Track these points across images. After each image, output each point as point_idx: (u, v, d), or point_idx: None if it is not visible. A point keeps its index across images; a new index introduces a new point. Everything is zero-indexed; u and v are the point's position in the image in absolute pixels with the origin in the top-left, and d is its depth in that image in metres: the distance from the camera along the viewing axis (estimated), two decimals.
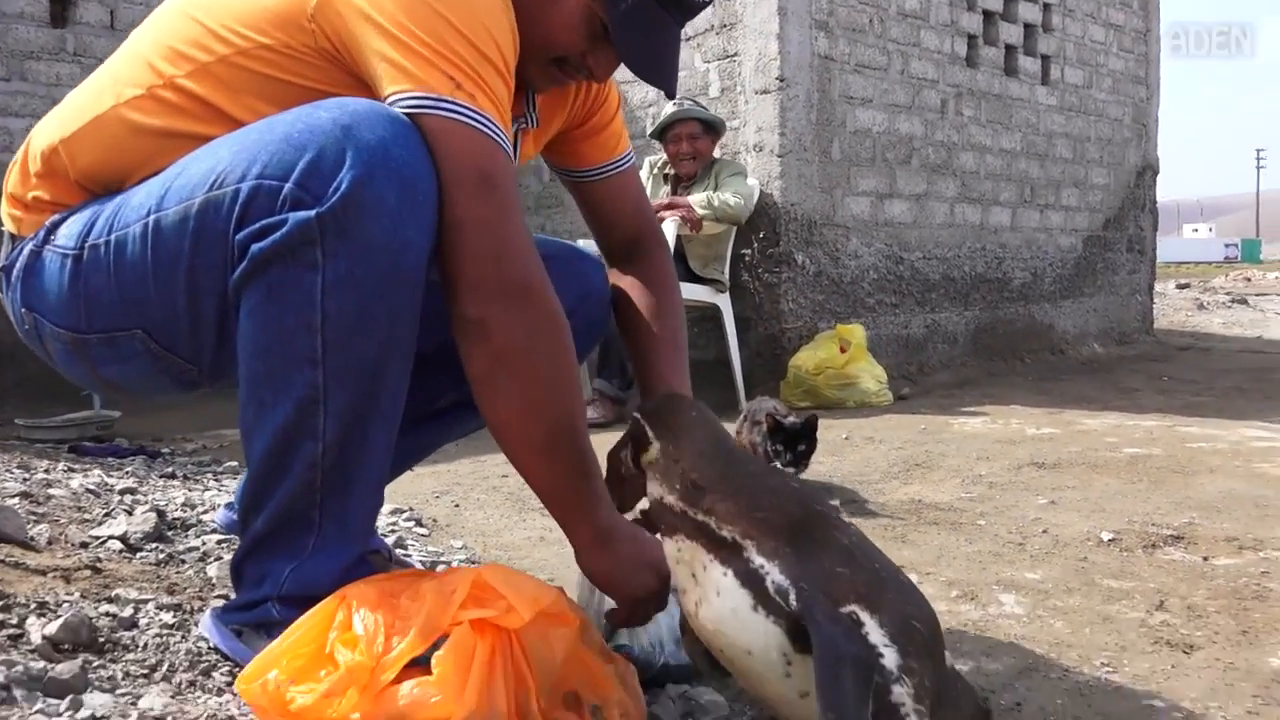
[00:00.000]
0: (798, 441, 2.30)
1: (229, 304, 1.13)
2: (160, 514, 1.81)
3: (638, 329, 1.41)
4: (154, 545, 1.68)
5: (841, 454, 3.10)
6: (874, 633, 0.95)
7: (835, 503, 1.04)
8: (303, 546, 1.16)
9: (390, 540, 1.92)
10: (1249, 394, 4.48)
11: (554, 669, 1.04)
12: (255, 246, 1.07)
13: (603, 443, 1.18)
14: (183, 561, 1.63)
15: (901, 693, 0.94)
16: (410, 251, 1.09)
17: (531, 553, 2.01)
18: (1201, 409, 4.00)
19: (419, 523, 2.22)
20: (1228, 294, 12.24)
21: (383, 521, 2.19)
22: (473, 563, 1.90)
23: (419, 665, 0.98)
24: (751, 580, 1.00)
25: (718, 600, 1.02)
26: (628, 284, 1.43)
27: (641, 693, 1.16)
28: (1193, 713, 1.26)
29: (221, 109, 1.18)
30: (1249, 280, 17.42)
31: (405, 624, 0.98)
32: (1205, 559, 1.94)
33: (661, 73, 1.28)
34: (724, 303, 4.25)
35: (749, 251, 4.48)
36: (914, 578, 1.08)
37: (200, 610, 1.35)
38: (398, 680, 0.95)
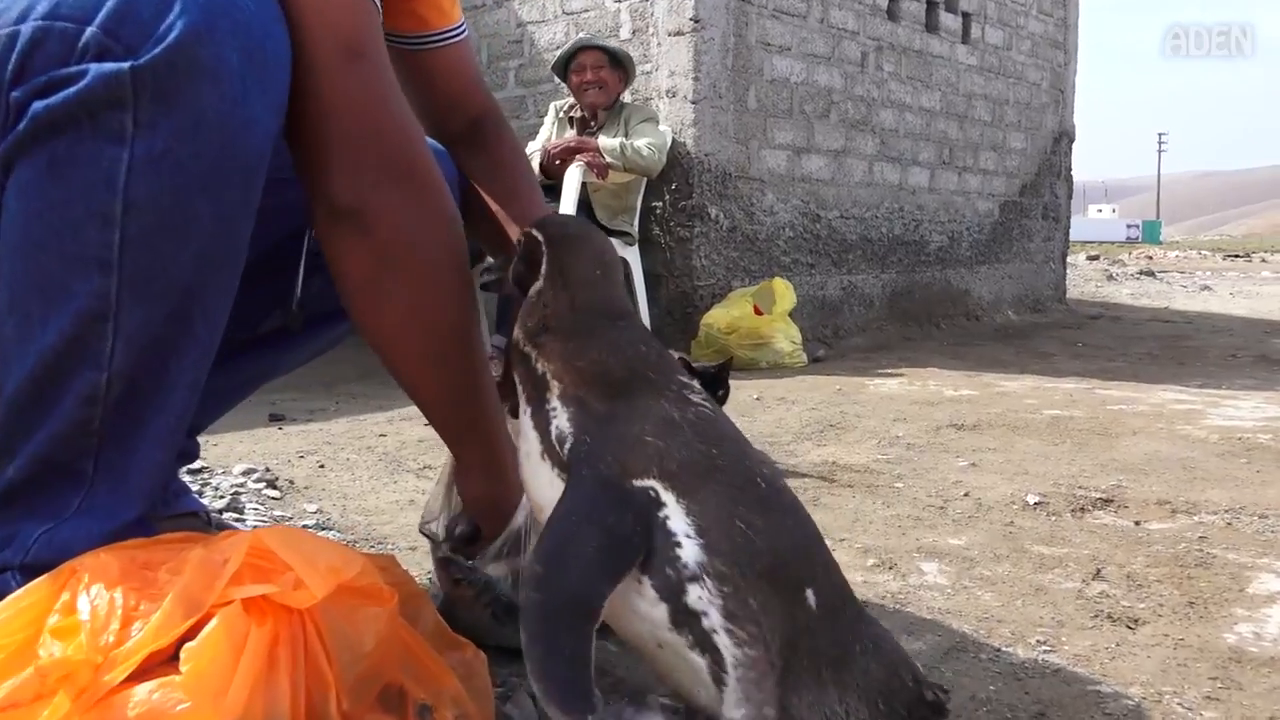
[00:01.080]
0: (713, 386, 2.10)
1: None
2: None
3: (495, 204, 1.17)
4: None
5: (752, 415, 2.90)
6: (675, 518, 0.75)
7: (695, 384, 0.80)
8: (65, 505, 0.90)
9: (224, 503, 1.65)
10: (1161, 360, 4.42)
11: (361, 658, 0.80)
12: (39, 104, 0.80)
13: None
14: None
15: (703, 598, 0.73)
16: (252, 132, 0.84)
17: (397, 517, 1.76)
18: (1117, 373, 3.91)
19: (272, 484, 1.95)
20: (1136, 267, 12.45)
21: (228, 483, 1.91)
22: (323, 529, 1.64)
23: (175, 662, 0.73)
24: (541, 423, 0.83)
25: (521, 444, 0.87)
26: (478, 169, 1.19)
27: (491, 688, 0.93)
28: (1145, 699, 1.07)
29: None
30: (1150, 259, 17.87)
31: (152, 606, 0.73)
32: (1137, 523, 1.78)
33: None
34: (633, 257, 4.02)
35: (660, 204, 4.24)
36: (828, 545, 0.86)
37: None
38: (133, 681, 0.70)
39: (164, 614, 0.72)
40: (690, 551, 0.74)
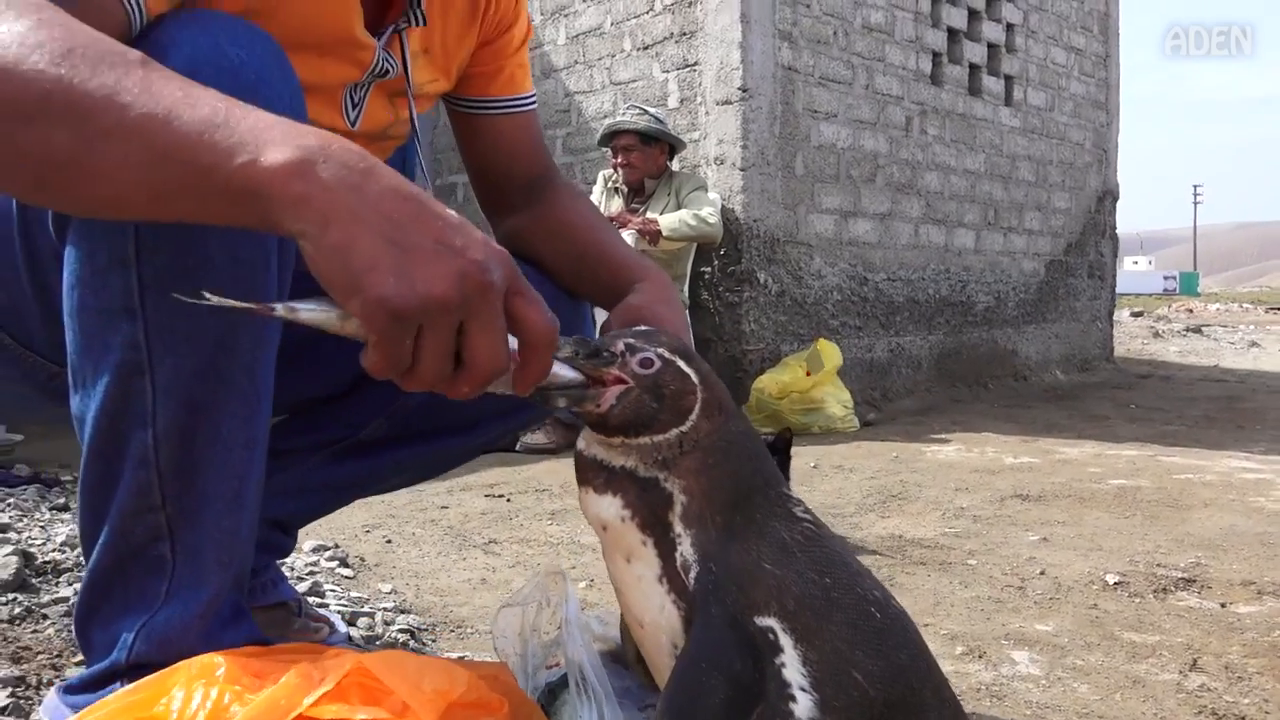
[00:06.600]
0: (774, 456, 2.08)
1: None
2: (27, 556, 1.53)
3: (577, 241, 1.18)
4: (11, 596, 1.40)
5: (811, 484, 2.88)
6: (790, 666, 0.74)
7: (794, 494, 0.79)
8: (154, 594, 0.89)
9: (306, 586, 1.66)
10: (1220, 423, 4.35)
11: None
12: None
13: (549, 469, 0.94)
14: (44, 617, 1.35)
15: None
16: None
17: (471, 598, 1.75)
18: (1177, 438, 3.85)
19: (344, 562, 1.95)
20: (1183, 324, 12.31)
21: (301, 561, 1.92)
22: (402, 612, 1.64)
23: None
24: (665, 549, 0.80)
25: (637, 565, 0.82)
26: (548, 216, 1.20)
27: None
28: None
29: None
30: (1191, 312, 17.64)
31: (241, 709, 0.73)
32: (1224, 605, 1.74)
33: None
34: None
35: (709, 269, 4.26)
36: None
37: (51, 684, 1.09)
38: None
39: (246, 717, 0.72)
40: (805, 708, 0.73)
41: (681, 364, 0.82)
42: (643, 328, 0.87)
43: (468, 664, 0.90)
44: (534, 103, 1.28)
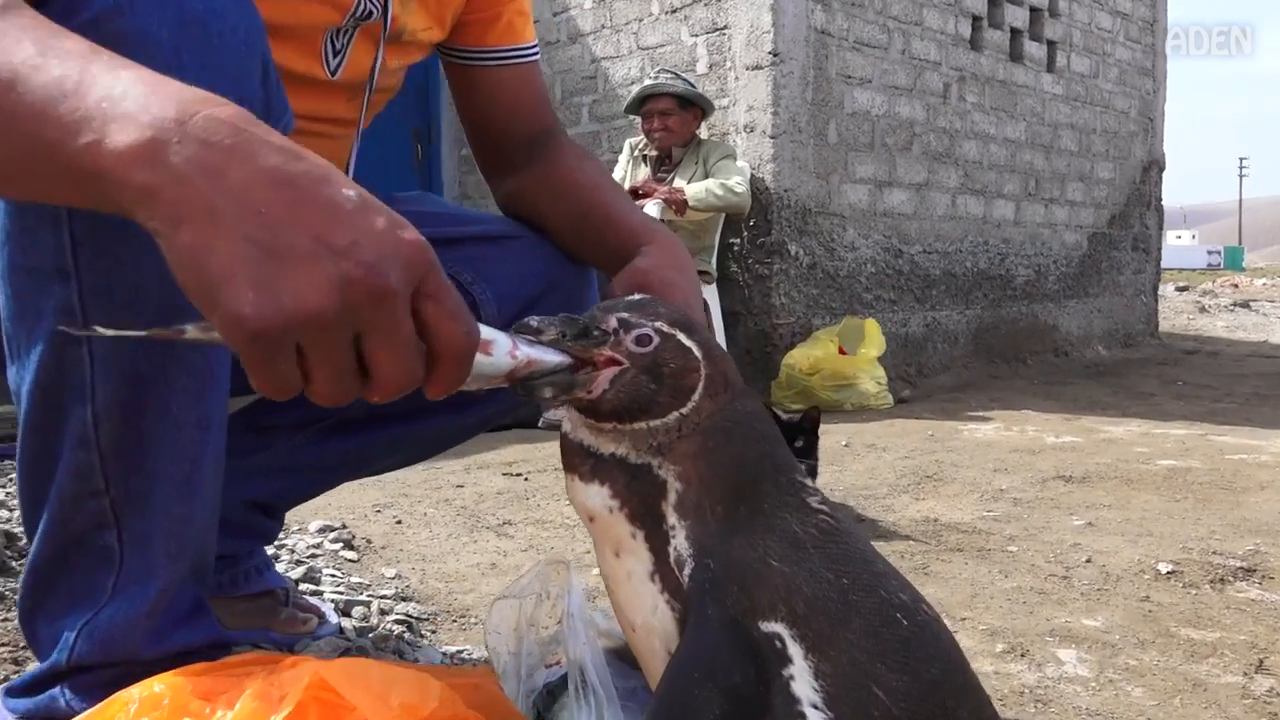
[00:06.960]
0: (796, 437, 1.98)
1: None
2: (9, 538, 1.45)
3: (581, 201, 1.09)
4: None
5: (842, 463, 2.76)
6: (800, 680, 0.64)
7: (810, 483, 0.67)
8: (99, 589, 0.80)
9: (300, 572, 1.57)
10: (1272, 401, 4.17)
11: None
12: None
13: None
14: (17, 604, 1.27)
15: None
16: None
17: (479, 584, 1.66)
18: (1228, 416, 3.68)
19: (349, 544, 1.87)
20: (1229, 299, 11.99)
21: (304, 543, 1.84)
22: (403, 599, 1.55)
23: None
24: (657, 543, 0.71)
25: (626, 560, 0.73)
26: (550, 176, 1.11)
27: None
28: None
29: None
30: (1236, 287, 17.20)
31: None
32: None
33: None
34: (711, 295, 3.91)
35: (738, 241, 4.13)
36: (948, 625, 0.73)
37: (7, 680, 1.00)
38: None
39: None
40: None
41: (682, 337, 0.72)
42: (637, 297, 0.76)
43: (446, 671, 0.81)
44: (536, 53, 1.17)
